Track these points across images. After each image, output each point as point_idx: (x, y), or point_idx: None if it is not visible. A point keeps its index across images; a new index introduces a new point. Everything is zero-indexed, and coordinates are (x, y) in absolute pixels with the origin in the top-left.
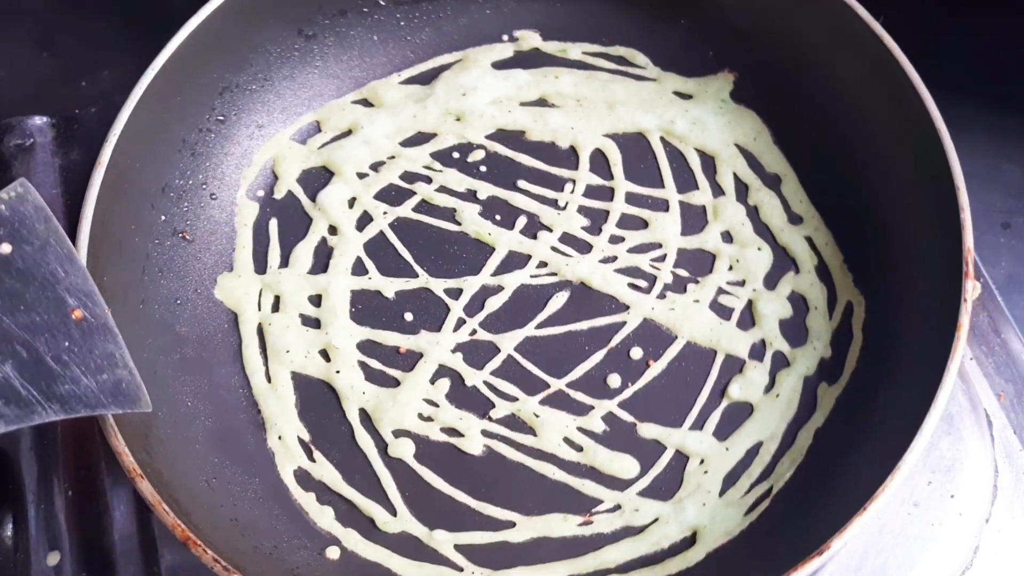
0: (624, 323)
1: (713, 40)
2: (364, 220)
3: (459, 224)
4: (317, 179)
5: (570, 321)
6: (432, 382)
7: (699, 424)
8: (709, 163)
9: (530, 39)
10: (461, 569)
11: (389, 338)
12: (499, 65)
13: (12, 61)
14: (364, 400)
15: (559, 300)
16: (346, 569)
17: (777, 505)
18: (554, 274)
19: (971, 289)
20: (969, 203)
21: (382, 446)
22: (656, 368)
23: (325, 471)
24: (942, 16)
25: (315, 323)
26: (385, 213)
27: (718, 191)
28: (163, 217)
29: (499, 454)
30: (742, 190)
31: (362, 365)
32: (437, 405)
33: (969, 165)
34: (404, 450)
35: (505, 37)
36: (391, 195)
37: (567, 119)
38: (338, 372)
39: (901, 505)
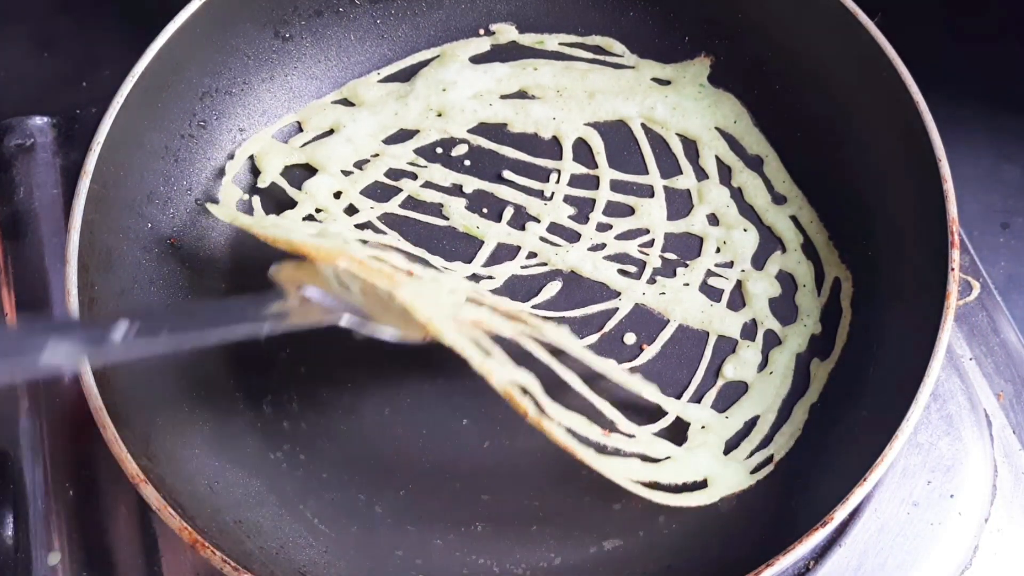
0: (616, 309)
1: (688, 26)
2: (351, 212)
3: (447, 218)
4: (302, 174)
5: (562, 309)
6: None
7: (696, 402)
8: (691, 147)
9: (506, 32)
10: None
11: None
12: (477, 59)
13: (12, 61)
14: None
15: (551, 289)
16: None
17: (779, 479)
18: (544, 264)
19: (958, 259)
20: (968, 203)
21: None
22: (650, 352)
23: None
24: (942, 16)
25: None
26: (372, 208)
27: (701, 175)
28: (150, 225)
29: None
30: (725, 173)
31: None
32: None
33: (969, 165)
34: None
35: (481, 31)
36: (377, 192)
37: (548, 110)
38: None
39: (900, 505)
